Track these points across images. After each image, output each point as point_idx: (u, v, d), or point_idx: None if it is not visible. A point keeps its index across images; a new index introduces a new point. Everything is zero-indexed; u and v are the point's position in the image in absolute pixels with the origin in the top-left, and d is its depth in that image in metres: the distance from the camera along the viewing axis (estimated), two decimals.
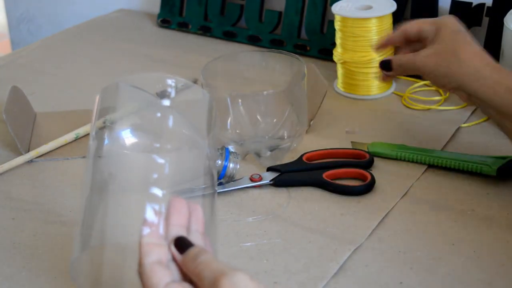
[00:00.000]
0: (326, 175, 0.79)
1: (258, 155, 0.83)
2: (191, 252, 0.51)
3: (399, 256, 0.68)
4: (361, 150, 0.83)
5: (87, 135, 0.90)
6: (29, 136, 0.90)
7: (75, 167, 0.85)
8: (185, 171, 0.61)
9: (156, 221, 0.52)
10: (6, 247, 0.71)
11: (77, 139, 0.90)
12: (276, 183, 0.79)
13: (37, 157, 0.86)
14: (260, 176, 0.79)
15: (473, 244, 0.69)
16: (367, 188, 0.77)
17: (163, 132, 0.61)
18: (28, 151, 0.86)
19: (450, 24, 0.75)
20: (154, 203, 0.53)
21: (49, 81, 1.08)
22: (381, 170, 0.81)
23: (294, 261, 0.68)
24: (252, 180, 0.79)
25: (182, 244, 0.52)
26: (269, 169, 0.81)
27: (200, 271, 0.49)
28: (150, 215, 0.52)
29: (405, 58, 0.78)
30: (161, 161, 0.56)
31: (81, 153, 0.88)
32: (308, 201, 0.77)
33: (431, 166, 0.81)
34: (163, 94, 0.60)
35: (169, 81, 0.61)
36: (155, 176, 0.55)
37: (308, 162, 0.82)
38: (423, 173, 0.80)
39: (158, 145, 0.61)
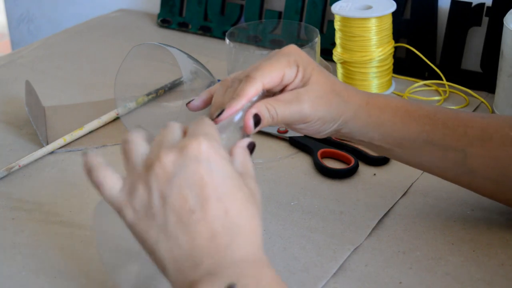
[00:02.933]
0: (320, 153, 0.84)
1: None
2: None
3: (399, 256, 0.68)
4: None
5: (109, 122, 0.94)
6: (45, 129, 0.92)
7: (75, 167, 0.85)
8: None
9: None
10: (6, 247, 0.71)
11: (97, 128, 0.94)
12: (291, 141, 0.87)
13: (58, 149, 0.88)
14: (286, 129, 0.88)
15: (473, 244, 0.69)
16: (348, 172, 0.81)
17: None
18: (48, 144, 0.88)
19: (305, 58, 0.64)
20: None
21: (50, 81, 1.09)
22: (381, 169, 0.81)
23: (294, 261, 0.68)
24: (278, 131, 0.89)
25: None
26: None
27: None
28: None
29: (287, 109, 0.61)
30: None
31: (100, 142, 0.90)
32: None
33: None
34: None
35: None
36: None
37: (336, 139, 0.87)
38: (423, 172, 0.80)
39: None
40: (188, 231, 0.49)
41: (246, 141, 0.57)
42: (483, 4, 1.02)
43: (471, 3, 1.02)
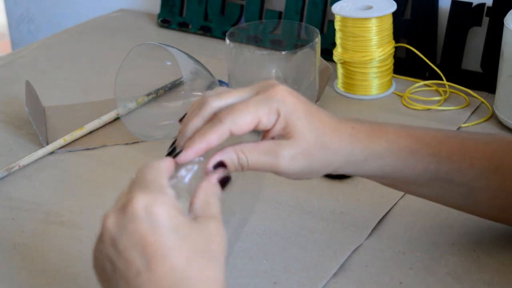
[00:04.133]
0: None
1: None
2: None
3: (399, 256, 0.68)
4: None
5: (109, 122, 0.95)
6: (45, 129, 0.92)
7: (75, 166, 0.85)
8: None
9: None
10: (6, 247, 0.71)
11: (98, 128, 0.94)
12: None
13: (58, 149, 0.88)
14: None
15: (473, 244, 0.69)
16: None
17: None
18: (48, 144, 0.88)
19: (291, 105, 0.57)
20: None
21: (50, 81, 1.08)
22: None
23: (294, 261, 0.68)
24: None
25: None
26: None
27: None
28: None
29: (260, 161, 0.57)
30: None
31: (100, 143, 0.90)
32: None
33: None
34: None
35: None
36: None
37: None
38: None
39: None
40: None
41: (214, 177, 0.54)
42: (483, 4, 1.01)
43: (471, 3, 1.02)
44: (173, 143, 0.58)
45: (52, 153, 0.88)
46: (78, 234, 0.72)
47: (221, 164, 0.56)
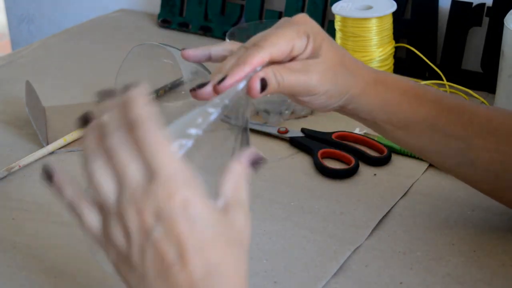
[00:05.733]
0: (320, 153, 0.84)
1: (267, 113, 0.91)
2: None
3: (399, 256, 0.68)
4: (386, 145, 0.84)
5: None
6: (45, 129, 0.92)
7: (75, 167, 0.85)
8: None
9: None
10: (6, 247, 0.71)
11: None
12: (291, 141, 0.88)
13: (58, 149, 0.88)
14: (286, 129, 0.88)
15: (473, 244, 0.69)
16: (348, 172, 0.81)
17: None
18: (48, 144, 0.88)
19: (315, 27, 0.62)
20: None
21: (50, 81, 1.08)
22: (381, 169, 0.81)
23: (294, 261, 0.68)
24: (279, 131, 0.89)
25: None
26: (303, 130, 0.89)
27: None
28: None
29: (294, 78, 0.60)
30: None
31: None
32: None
33: (431, 166, 0.81)
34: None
35: None
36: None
37: (336, 139, 0.87)
38: (423, 173, 0.80)
39: None
40: (168, 284, 0.47)
41: (248, 156, 0.52)
42: (483, 4, 1.01)
43: (471, 3, 1.02)
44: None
45: (52, 153, 0.88)
46: (78, 234, 0.72)
47: (263, 81, 0.57)
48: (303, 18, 0.62)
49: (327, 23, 1.15)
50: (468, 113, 0.65)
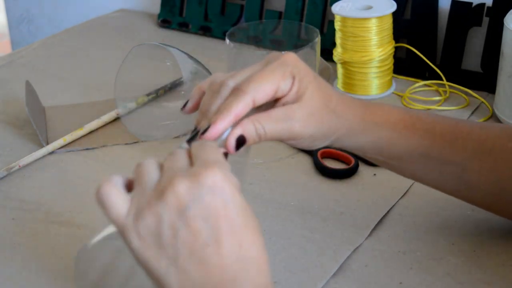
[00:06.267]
0: (320, 153, 0.84)
1: None
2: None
3: (399, 256, 0.68)
4: None
5: (109, 122, 0.94)
6: (45, 129, 0.92)
7: (75, 166, 0.85)
8: None
9: None
10: (6, 247, 0.71)
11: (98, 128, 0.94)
12: None
13: (58, 149, 0.88)
14: None
15: (473, 244, 0.69)
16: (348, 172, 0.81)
17: None
18: (48, 144, 0.88)
19: (302, 69, 0.59)
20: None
21: (50, 81, 1.08)
22: (381, 169, 0.81)
23: (294, 261, 0.68)
24: None
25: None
26: None
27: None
28: None
29: (277, 128, 0.58)
30: None
31: (100, 143, 0.90)
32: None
33: None
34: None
35: None
36: None
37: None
38: None
39: None
40: (201, 265, 0.47)
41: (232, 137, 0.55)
42: (483, 4, 1.01)
43: (471, 3, 1.02)
44: (194, 129, 0.57)
45: (52, 153, 0.88)
46: (78, 234, 0.72)
47: (240, 138, 0.56)
48: (291, 59, 0.59)
49: (327, 23, 1.15)
50: (461, 137, 0.64)
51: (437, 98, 0.98)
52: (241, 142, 0.56)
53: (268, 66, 0.58)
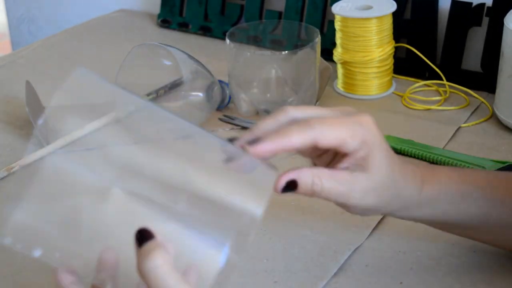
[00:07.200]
0: None
1: (267, 113, 0.91)
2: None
3: (399, 256, 0.68)
4: None
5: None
6: (45, 129, 0.92)
7: (74, 166, 0.85)
8: None
9: None
10: (6, 247, 0.71)
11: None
12: None
13: (58, 149, 0.88)
14: None
15: (473, 245, 0.69)
16: None
17: None
18: (48, 144, 0.88)
19: (375, 135, 0.54)
20: None
21: (50, 81, 1.08)
22: None
23: (294, 261, 0.68)
24: None
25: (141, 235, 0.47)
26: None
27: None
28: None
29: (335, 191, 0.54)
30: None
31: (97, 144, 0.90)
32: None
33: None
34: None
35: None
36: None
37: None
38: None
39: None
40: None
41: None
42: (483, 4, 1.01)
43: (471, 3, 1.02)
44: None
45: (52, 153, 0.88)
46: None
47: (292, 183, 0.52)
48: (366, 122, 0.54)
49: (327, 23, 1.15)
50: None
51: (437, 98, 0.98)
52: (291, 187, 0.52)
53: (341, 118, 0.53)
